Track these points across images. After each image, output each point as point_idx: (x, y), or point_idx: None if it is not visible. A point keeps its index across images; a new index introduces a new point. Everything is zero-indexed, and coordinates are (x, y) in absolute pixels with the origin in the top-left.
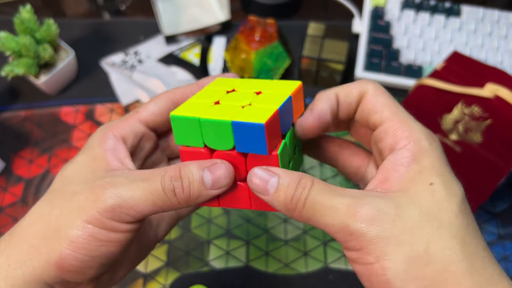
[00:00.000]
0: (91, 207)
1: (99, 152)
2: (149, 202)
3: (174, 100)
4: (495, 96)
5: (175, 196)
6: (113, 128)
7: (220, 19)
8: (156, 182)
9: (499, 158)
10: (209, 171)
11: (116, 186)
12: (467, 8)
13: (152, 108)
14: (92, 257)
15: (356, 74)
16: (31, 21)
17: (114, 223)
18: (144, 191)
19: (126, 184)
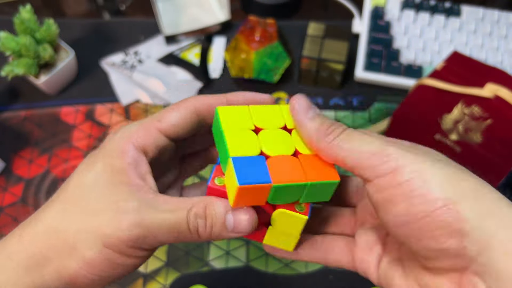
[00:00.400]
0: (113, 233)
1: (120, 164)
2: (172, 235)
3: (198, 111)
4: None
5: (198, 234)
6: (134, 137)
7: (220, 19)
8: (182, 218)
9: (499, 158)
10: (233, 215)
11: (142, 216)
12: (467, 8)
13: (175, 119)
14: (104, 277)
15: (356, 74)
16: (31, 21)
17: (133, 251)
18: (169, 226)
19: (152, 214)
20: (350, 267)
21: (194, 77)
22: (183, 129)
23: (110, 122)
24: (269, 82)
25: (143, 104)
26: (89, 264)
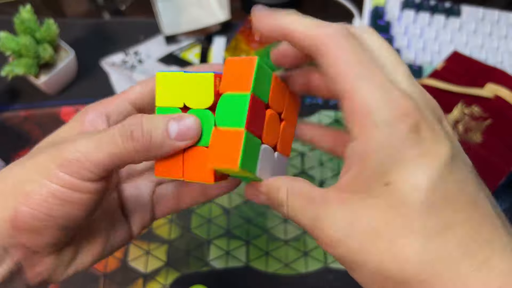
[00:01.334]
0: (51, 163)
1: (77, 124)
2: (104, 152)
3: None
4: (495, 96)
5: (132, 141)
6: (97, 106)
7: (220, 19)
8: (112, 130)
9: (499, 158)
10: (175, 121)
11: (75, 141)
12: (467, 8)
13: (139, 89)
14: (51, 216)
15: None
16: (31, 21)
17: (75, 181)
18: (100, 141)
19: (84, 138)
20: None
21: None
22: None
23: None
24: None
25: None
26: (31, 199)
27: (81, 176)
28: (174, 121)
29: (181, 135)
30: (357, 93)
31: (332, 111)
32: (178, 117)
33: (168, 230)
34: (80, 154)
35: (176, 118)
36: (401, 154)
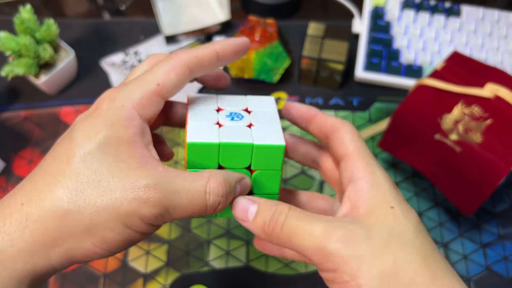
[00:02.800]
0: (135, 213)
1: (126, 135)
2: (189, 212)
3: (191, 69)
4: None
5: (216, 209)
6: (139, 106)
7: (220, 19)
8: (200, 195)
9: (499, 158)
10: (240, 185)
11: (161, 195)
12: (467, 8)
13: (174, 82)
14: (115, 252)
15: (356, 74)
16: (31, 21)
17: (151, 227)
18: (188, 203)
19: (170, 193)
20: None
21: None
22: (178, 89)
23: None
24: (269, 82)
25: None
26: (107, 243)
27: (159, 224)
28: (239, 185)
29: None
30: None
31: (332, 111)
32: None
33: (168, 230)
34: (165, 211)
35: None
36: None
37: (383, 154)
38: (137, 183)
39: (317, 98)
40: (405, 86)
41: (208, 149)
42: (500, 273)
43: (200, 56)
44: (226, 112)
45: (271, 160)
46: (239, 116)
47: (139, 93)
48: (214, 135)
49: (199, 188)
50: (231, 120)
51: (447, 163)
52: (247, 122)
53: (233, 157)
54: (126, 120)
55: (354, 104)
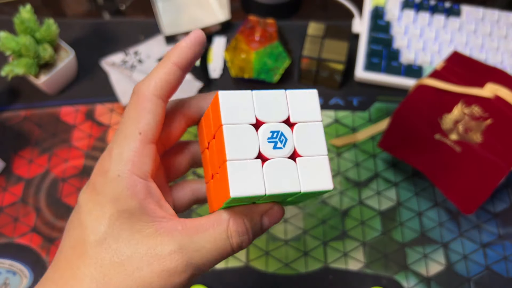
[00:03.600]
0: (166, 284)
1: (134, 205)
2: (218, 260)
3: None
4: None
5: (241, 249)
6: (133, 167)
7: (220, 19)
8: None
9: (499, 158)
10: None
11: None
12: (467, 8)
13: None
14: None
15: (356, 74)
16: (31, 21)
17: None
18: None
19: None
20: None
21: (194, 77)
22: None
23: (110, 122)
24: (269, 82)
25: None
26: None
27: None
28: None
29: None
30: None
31: (333, 111)
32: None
33: None
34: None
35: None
36: None
37: (383, 154)
38: (161, 251)
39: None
40: (405, 86)
41: (253, 198)
42: (500, 273)
43: (162, 78)
44: (267, 132)
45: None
46: (282, 140)
47: (128, 153)
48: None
49: (221, 236)
50: (273, 149)
51: (447, 163)
52: (291, 149)
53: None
54: (128, 190)
55: (354, 104)
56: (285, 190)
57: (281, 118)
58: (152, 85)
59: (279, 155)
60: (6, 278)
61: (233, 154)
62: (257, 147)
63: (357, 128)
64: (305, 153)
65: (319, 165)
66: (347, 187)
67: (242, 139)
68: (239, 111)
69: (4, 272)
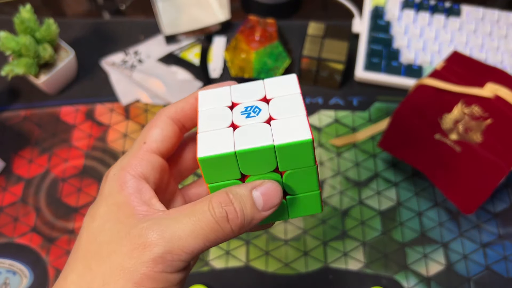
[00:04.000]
0: (138, 264)
1: (121, 198)
2: (200, 237)
3: (175, 119)
4: (495, 96)
5: (229, 223)
6: (129, 167)
7: (220, 19)
8: (204, 213)
9: (499, 158)
10: (259, 191)
11: (158, 229)
12: (467, 8)
13: (156, 135)
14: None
15: (356, 74)
16: (31, 21)
17: (168, 275)
18: (194, 226)
19: (169, 225)
20: None
21: (194, 77)
22: (169, 141)
23: (110, 121)
24: None
25: (143, 104)
26: None
27: (174, 269)
28: (256, 191)
29: (267, 205)
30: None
31: (333, 111)
32: (259, 184)
33: None
34: (170, 244)
35: (257, 186)
36: None
37: (383, 154)
38: (136, 230)
39: (317, 98)
40: (405, 86)
41: (224, 160)
42: (500, 273)
43: (179, 106)
44: (241, 108)
45: (301, 157)
46: (255, 111)
47: (128, 157)
48: (228, 143)
49: (202, 209)
50: (246, 118)
51: (447, 163)
52: (266, 117)
53: (254, 163)
54: (119, 186)
55: (354, 104)
56: (255, 144)
57: (257, 97)
58: (169, 109)
59: (251, 122)
60: (6, 278)
61: (203, 127)
62: (230, 120)
63: (357, 128)
64: (280, 116)
65: (296, 122)
66: (347, 187)
67: (215, 117)
68: (216, 100)
69: (4, 272)
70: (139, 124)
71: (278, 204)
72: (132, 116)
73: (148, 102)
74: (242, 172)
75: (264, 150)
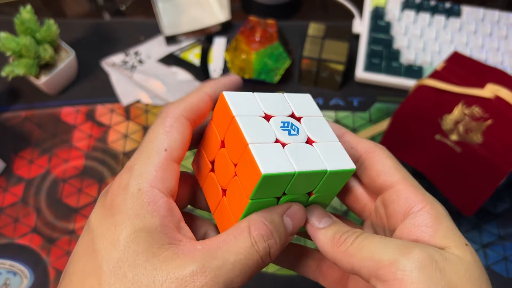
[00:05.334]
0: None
1: (153, 222)
2: (247, 276)
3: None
4: (495, 96)
5: (270, 256)
6: (157, 182)
7: (220, 19)
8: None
9: (499, 159)
10: (288, 216)
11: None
12: (467, 8)
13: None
14: None
15: (356, 74)
16: (31, 21)
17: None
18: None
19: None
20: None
21: (195, 78)
22: (186, 146)
23: (110, 122)
24: (270, 83)
25: (143, 104)
26: None
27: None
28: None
29: (296, 228)
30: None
31: (333, 112)
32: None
33: None
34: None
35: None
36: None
37: None
38: (181, 274)
39: (318, 98)
40: (405, 86)
41: (282, 179)
42: (500, 273)
43: (193, 103)
44: (278, 122)
45: (336, 183)
46: (294, 129)
47: (151, 168)
48: (287, 162)
49: (245, 244)
50: (288, 135)
51: (447, 164)
52: (305, 137)
53: (302, 185)
54: (149, 205)
55: (354, 104)
56: (313, 168)
57: (286, 113)
58: (182, 107)
59: (295, 140)
60: (7, 278)
61: (253, 138)
62: (274, 134)
63: (358, 129)
64: (318, 139)
65: (335, 149)
66: None
67: (257, 127)
68: (246, 106)
69: (5, 272)
70: (140, 125)
71: (303, 223)
72: (133, 117)
73: (149, 103)
74: (286, 192)
75: (318, 174)
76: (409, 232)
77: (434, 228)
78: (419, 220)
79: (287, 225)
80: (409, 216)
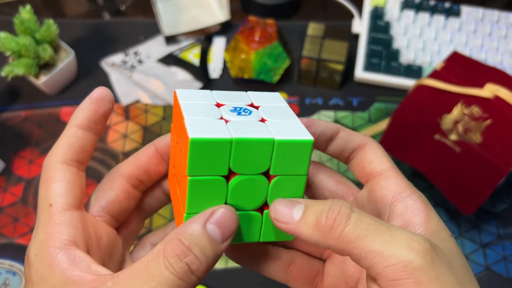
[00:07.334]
0: None
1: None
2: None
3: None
4: (494, 96)
5: (194, 274)
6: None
7: (220, 19)
8: (162, 273)
9: (498, 158)
10: (212, 222)
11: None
12: (467, 8)
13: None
14: None
15: (356, 74)
16: (31, 21)
17: None
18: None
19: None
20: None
21: (194, 78)
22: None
23: (110, 122)
24: (269, 82)
25: (143, 104)
26: None
27: None
28: (209, 223)
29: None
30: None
31: (332, 111)
32: (210, 215)
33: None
34: None
35: (208, 218)
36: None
37: None
38: None
39: (317, 98)
40: (404, 86)
41: (218, 147)
42: (500, 273)
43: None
44: (229, 107)
45: (296, 162)
46: (247, 111)
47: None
48: (223, 130)
49: (158, 269)
50: (237, 115)
51: (447, 163)
52: (259, 117)
53: (248, 159)
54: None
55: (354, 104)
56: (255, 135)
57: (244, 103)
58: (55, 154)
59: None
60: (6, 278)
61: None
62: (219, 114)
63: (357, 129)
64: (274, 119)
65: (292, 125)
66: None
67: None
68: (197, 97)
69: (4, 272)
70: (139, 125)
71: (236, 228)
72: (132, 117)
73: (148, 103)
74: (231, 167)
75: (263, 143)
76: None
77: (426, 213)
78: (411, 204)
79: (212, 234)
80: (399, 199)
